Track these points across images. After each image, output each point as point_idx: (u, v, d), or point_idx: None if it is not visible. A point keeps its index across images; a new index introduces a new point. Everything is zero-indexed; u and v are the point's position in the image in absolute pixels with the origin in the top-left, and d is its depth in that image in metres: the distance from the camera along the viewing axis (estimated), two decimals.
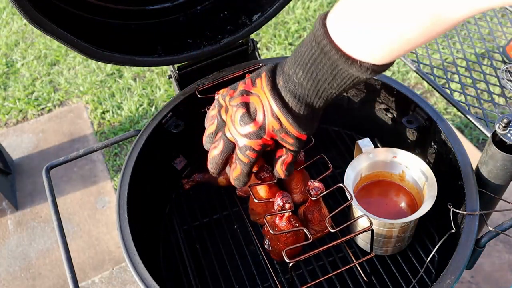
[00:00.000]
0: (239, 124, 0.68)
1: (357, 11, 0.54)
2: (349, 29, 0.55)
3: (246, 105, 0.68)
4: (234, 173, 0.73)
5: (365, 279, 0.88)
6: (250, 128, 0.67)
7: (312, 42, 0.59)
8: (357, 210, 0.82)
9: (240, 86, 0.70)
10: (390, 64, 0.59)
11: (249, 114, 0.67)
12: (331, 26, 0.57)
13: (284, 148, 0.71)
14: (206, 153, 0.76)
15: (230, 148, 0.71)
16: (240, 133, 0.68)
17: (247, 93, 0.68)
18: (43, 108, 2.35)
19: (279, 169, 0.73)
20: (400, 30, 0.52)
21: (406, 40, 0.53)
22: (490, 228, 0.77)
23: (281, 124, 0.66)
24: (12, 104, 2.38)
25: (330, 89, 0.62)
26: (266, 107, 0.66)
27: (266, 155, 0.75)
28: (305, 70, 0.61)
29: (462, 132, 1.97)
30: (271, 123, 0.66)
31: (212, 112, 0.76)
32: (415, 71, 1.09)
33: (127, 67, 2.40)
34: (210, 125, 0.75)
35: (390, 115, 1.05)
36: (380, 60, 0.56)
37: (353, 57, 0.56)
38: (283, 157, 0.72)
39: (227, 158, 0.74)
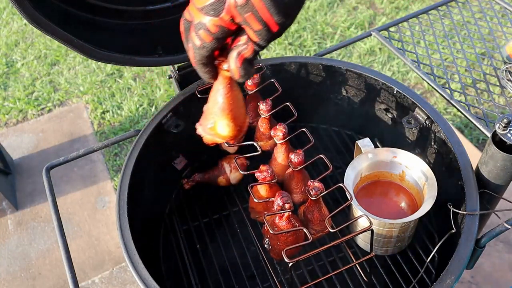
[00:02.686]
0: None
1: None
2: None
3: None
4: (189, 59, 0.60)
5: (365, 279, 0.88)
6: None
7: None
8: (357, 210, 0.82)
9: None
10: None
11: None
12: None
13: (245, 36, 0.56)
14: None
15: (188, 31, 0.59)
16: (197, 6, 0.56)
17: None
18: (43, 108, 2.35)
19: (233, 66, 0.58)
20: None
21: None
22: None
23: None
24: (12, 104, 2.38)
25: None
26: None
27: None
28: None
29: (462, 132, 1.97)
30: None
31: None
32: (415, 71, 1.10)
33: (127, 67, 2.40)
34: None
35: (390, 115, 1.05)
36: None
37: None
38: (241, 48, 0.56)
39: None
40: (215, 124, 0.70)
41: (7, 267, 1.78)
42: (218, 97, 0.67)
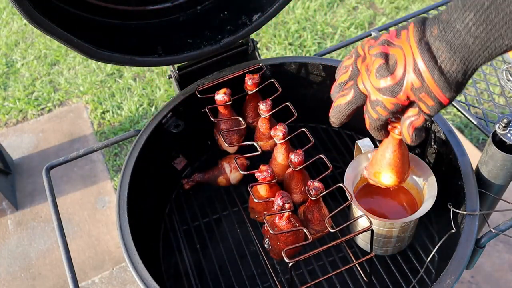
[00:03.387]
0: (375, 76, 0.61)
1: None
2: None
3: (386, 56, 0.60)
4: (366, 125, 0.68)
5: (365, 279, 0.88)
6: (385, 82, 0.60)
7: None
8: (357, 210, 0.82)
9: (383, 36, 0.63)
10: None
11: (387, 66, 0.60)
12: None
13: (416, 108, 0.62)
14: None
15: (360, 100, 0.65)
16: (374, 86, 0.62)
17: (388, 43, 0.61)
18: (43, 108, 2.35)
19: (405, 132, 0.65)
20: None
21: None
22: (492, 230, 0.77)
23: (423, 81, 0.57)
24: (12, 104, 2.38)
25: (504, 38, 0.52)
26: (409, 61, 0.58)
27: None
28: (479, 11, 0.51)
29: (462, 132, 1.97)
30: (411, 80, 0.58)
31: (347, 61, 0.69)
32: None
33: (127, 67, 2.40)
34: (342, 74, 0.69)
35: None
36: None
37: None
38: (412, 119, 0.63)
39: (354, 111, 0.68)
40: (380, 174, 0.80)
41: (7, 267, 1.78)
42: (387, 153, 0.77)
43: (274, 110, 0.93)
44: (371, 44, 0.63)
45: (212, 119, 0.93)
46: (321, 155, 0.83)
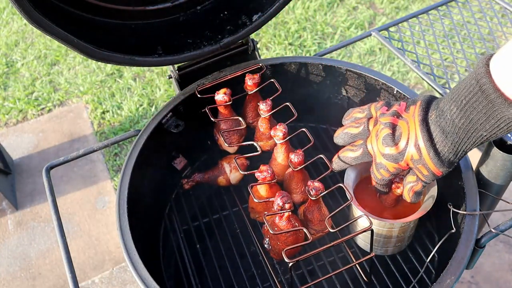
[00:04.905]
0: (382, 143, 0.71)
1: None
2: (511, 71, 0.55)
3: (393, 127, 0.70)
4: (372, 181, 0.80)
5: (365, 279, 0.88)
6: (390, 150, 0.71)
7: (471, 80, 0.60)
8: (357, 210, 0.82)
9: (394, 106, 0.73)
10: None
11: (393, 137, 0.70)
12: (494, 67, 0.57)
13: (415, 176, 0.73)
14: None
15: (365, 158, 0.76)
16: (380, 151, 0.72)
17: (398, 115, 0.71)
18: (43, 108, 2.35)
19: (406, 194, 0.77)
20: None
21: None
22: (492, 230, 0.77)
23: (421, 156, 0.68)
24: (12, 104, 2.38)
25: (481, 130, 0.61)
26: (411, 136, 0.68)
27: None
28: (459, 107, 0.62)
29: None
30: (412, 152, 0.68)
31: (358, 114, 0.79)
32: (415, 71, 1.10)
33: (127, 67, 2.40)
34: (352, 126, 0.79)
35: None
36: None
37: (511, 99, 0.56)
38: (412, 184, 0.75)
39: (357, 165, 0.80)
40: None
41: (7, 267, 1.78)
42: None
43: (274, 110, 0.93)
44: (383, 112, 0.73)
45: (212, 119, 0.93)
46: (321, 155, 0.83)
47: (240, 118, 0.96)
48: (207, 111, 0.93)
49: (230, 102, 0.94)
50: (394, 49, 1.13)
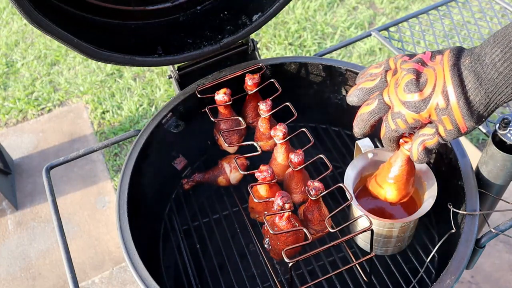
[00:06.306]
0: (403, 89, 0.62)
1: None
2: None
3: (417, 73, 0.62)
4: (381, 133, 0.70)
5: (365, 279, 0.88)
6: (412, 97, 0.61)
7: None
8: (357, 210, 0.82)
9: (418, 55, 0.65)
10: None
11: (417, 82, 0.61)
12: None
13: (433, 129, 0.64)
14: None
15: (383, 111, 0.66)
16: (400, 98, 0.63)
17: (422, 63, 0.63)
18: (43, 108, 2.35)
19: (415, 148, 0.67)
20: None
21: None
22: (492, 230, 0.77)
23: (448, 104, 0.59)
24: (12, 104, 2.38)
25: None
26: (439, 82, 0.59)
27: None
28: (505, 49, 0.54)
29: None
30: (438, 99, 0.60)
31: (374, 70, 0.70)
32: None
33: (127, 67, 2.40)
34: (367, 80, 0.70)
35: None
36: None
37: None
38: (425, 138, 0.65)
39: (376, 121, 0.68)
40: (382, 186, 0.81)
41: (7, 267, 1.78)
42: (394, 167, 0.77)
43: (274, 110, 0.93)
44: (405, 59, 0.65)
45: (212, 119, 0.93)
46: (321, 155, 0.83)
47: (240, 118, 0.96)
48: (207, 111, 0.93)
49: (230, 102, 0.94)
50: (394, 49, 1.13)
